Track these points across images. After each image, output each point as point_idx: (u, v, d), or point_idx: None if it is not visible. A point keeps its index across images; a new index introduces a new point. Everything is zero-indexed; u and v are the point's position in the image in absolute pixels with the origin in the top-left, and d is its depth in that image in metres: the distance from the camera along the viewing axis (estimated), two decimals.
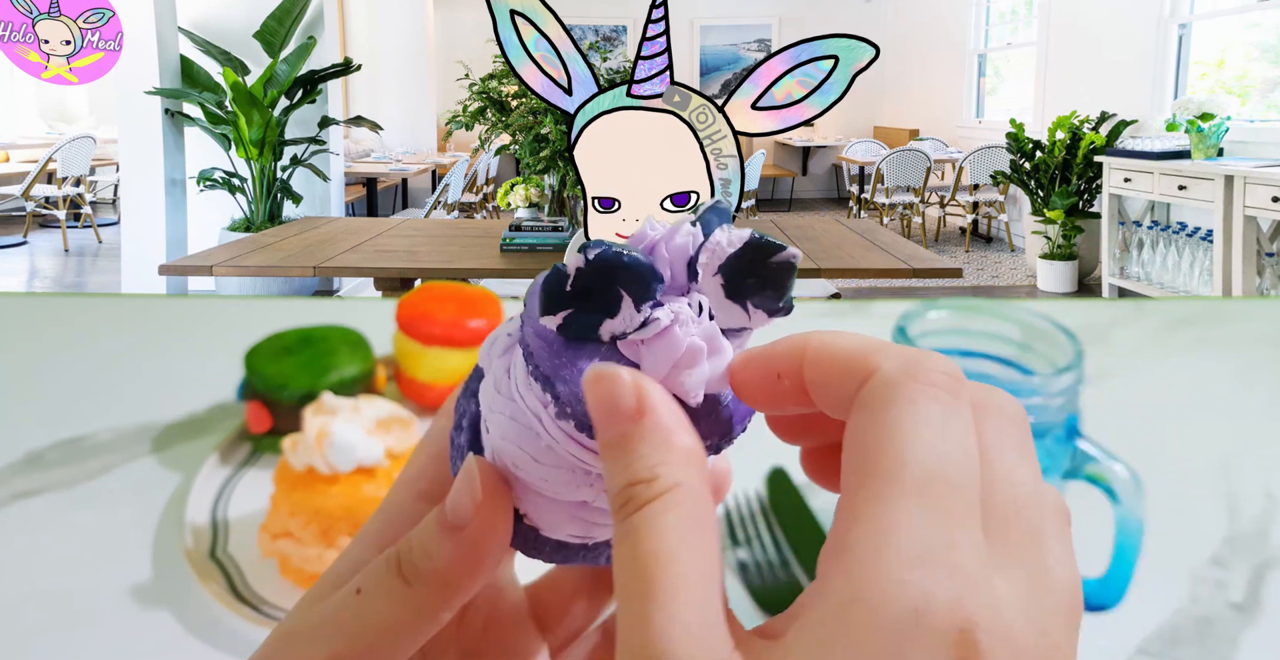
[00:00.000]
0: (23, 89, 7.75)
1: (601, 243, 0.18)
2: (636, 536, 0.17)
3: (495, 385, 0.21)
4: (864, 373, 0.18)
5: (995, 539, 0.16)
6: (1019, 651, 0.15)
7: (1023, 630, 0.15)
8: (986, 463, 0.17)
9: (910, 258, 2.74)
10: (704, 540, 0.17)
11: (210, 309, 1.10)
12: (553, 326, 0.19)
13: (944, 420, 0.17)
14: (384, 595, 0.20)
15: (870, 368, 0.18)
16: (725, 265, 0.19)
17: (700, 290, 0.20)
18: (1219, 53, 4.86)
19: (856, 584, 0.15)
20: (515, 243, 2.90)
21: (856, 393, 0.18)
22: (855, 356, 0.18)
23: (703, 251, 0.19)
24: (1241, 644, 0.52)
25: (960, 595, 0.15)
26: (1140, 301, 1.15)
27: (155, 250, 4.16)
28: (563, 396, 0.19)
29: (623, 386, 0.18)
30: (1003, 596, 0.15)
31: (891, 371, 0.18)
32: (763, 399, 0.20)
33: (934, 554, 0.15)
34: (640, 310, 0.19)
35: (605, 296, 0.18)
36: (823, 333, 0.19)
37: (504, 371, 0.21)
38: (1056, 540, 0.17)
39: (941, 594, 0.15)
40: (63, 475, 0.68)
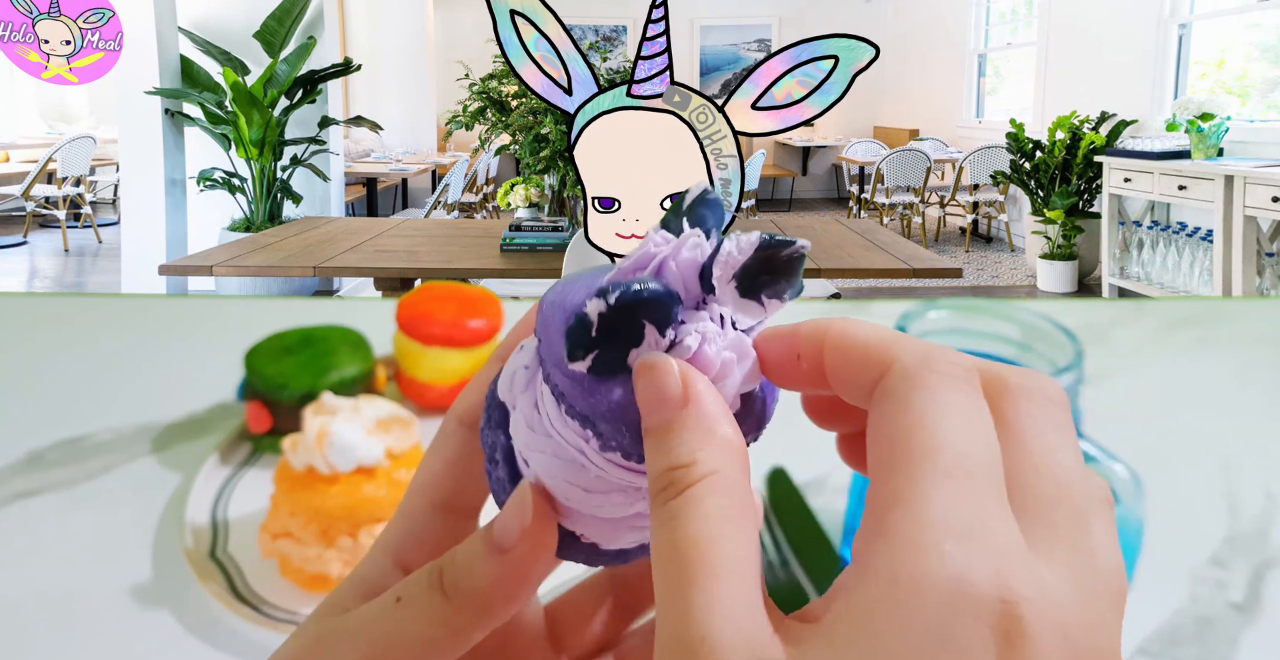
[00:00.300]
0: (23, 89, 7.75)
1: (618, 284, 0.18)
2: (676, 522, 0.17)
3: (528, 423, 0.21)
4: (883, 363, 0.18)
5: (1039, 521, 0.16)
6: (1065, 626, 0.15)
7: (1067, 606, 0.15)
8: (1028, 445, 0.17)
9: (910, 258, 2.74)
10: (743, 526, 0.17)
11: (210, 309, 1.10)
12: (583, 370, 0.19)
13: (966, 407, 0.17)
14: (424, 607, 0.20)
15: (889, 359, 0.18)
16: (742, 270, 0.19)
17: (717, 300, 0.20)
18: (1219, 53, 4.86)
19: (897, 562, 0.15)
20: (515, 243, 2.90)
21: (877, 383, 0.18)
22: (875, 347, 0.19)
23: (715, 264, 0.19)
24: (1241, 644, 0.52)
25: (1001, 568, 0.15)
26: (1140, 301, 1.15)
27: (155, 250, 4.16)
28: (605, 433, 0.19)
29: (670, 376, 0.18)
30: (1046, 574, 0.15)
31: (911, 363, 0.18)
32: (783, 377, 0.20)
33: (973, 530, 0.15)
34: (664, 334, 0.19)
35: (630, 331, 0.19)
36: (844, 321, 0.20)
37: (532, 408, 0.21)
38: (1101, 524, 0.17)
39: (982, 567, 0.15)
40: (63, 475, 0.68)
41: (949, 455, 0.16)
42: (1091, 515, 0.17)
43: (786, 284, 0.20)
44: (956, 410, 0.17)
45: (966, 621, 0.14)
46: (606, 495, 0.20)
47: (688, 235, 0.20)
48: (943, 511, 0.15)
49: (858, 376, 0.19)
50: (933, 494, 0.16)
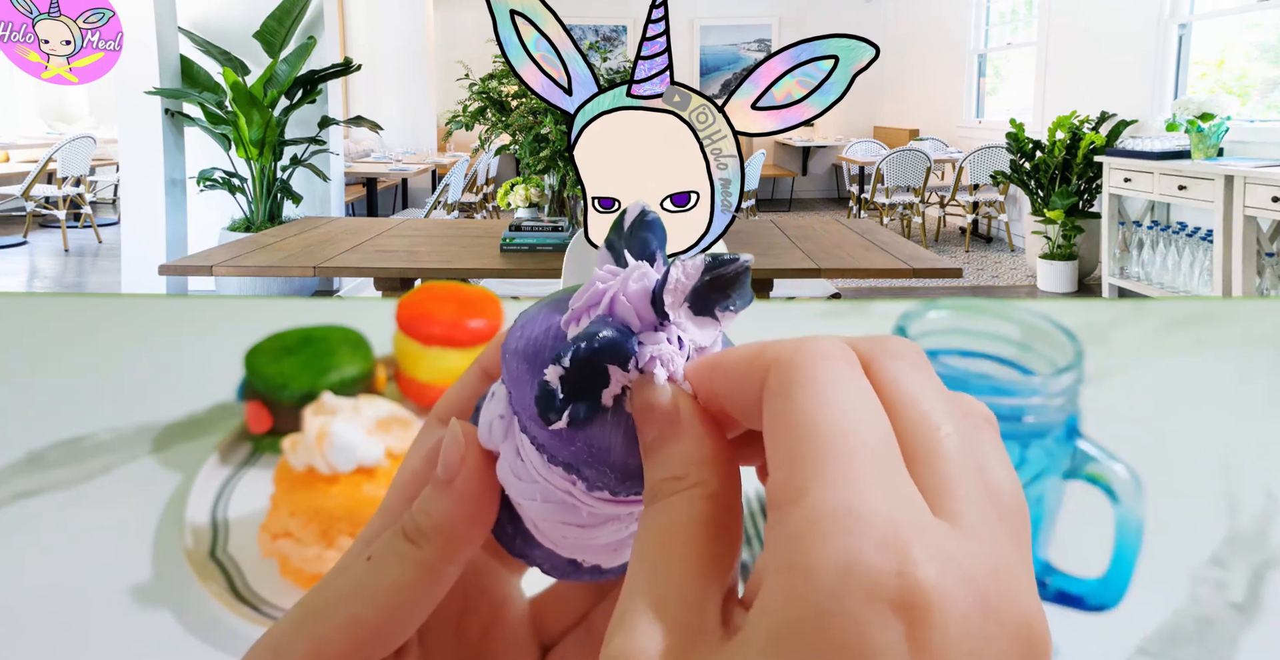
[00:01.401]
0: (23, 89, 7.75)
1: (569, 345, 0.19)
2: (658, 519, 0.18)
3: (514, 472, 0.21)
4: (761, 369, 0.19)
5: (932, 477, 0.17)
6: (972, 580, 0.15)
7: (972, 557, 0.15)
8: (897, 405, 0.18)
9: (910, 258, 2.74)
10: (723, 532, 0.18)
11: (210, 309, 1.10)
12: (564, 425, 0.19)
13: (844, 385, 0.18)
14: (393, 557, 0.22)
15: (765, 363, 0.19)
16: (693, 293, 0.20)
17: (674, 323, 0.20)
18: (1219, 53, 4.86)
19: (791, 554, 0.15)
20: (515, 243, 2.90)
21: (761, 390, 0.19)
22: (749, 359, 0.19)
23: (666, 293, 0.19)
24: (1241, 644, 0.52)
25: (894, 541, 0.15)
26: (1140, 301, 1.15)
27: (155, 250, 4.16)
28: (590, 477, 0.20)
29: (664, 395, 0.20)
30: (943, 534, 0.15)
31: (784, 357, 0.18)
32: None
33: (860, 509, 0.15)
34: (628, 370, 0.19)
35: (596, 379, 0.19)
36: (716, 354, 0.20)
37: (515, 456, 0.21)
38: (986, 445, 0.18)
39: (872, 545, 0.15)
40: (63, 475, 0.68)
41: (834, 438, 0.17)
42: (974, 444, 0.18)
43: (737, 297, 0.20)
44: (835, 391, 0.17)
45: (859, 602, 0.14)
46: (601, 527, 0.21)
47: (633, 268, 0.20)
48: (830, 498, 0.16)
49: (748, 393, 0.19)
50: (824, 482, 0.16)
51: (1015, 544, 0.17)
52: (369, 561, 0.22)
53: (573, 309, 0.20)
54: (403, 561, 0.22)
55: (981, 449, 0.18)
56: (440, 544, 0.22)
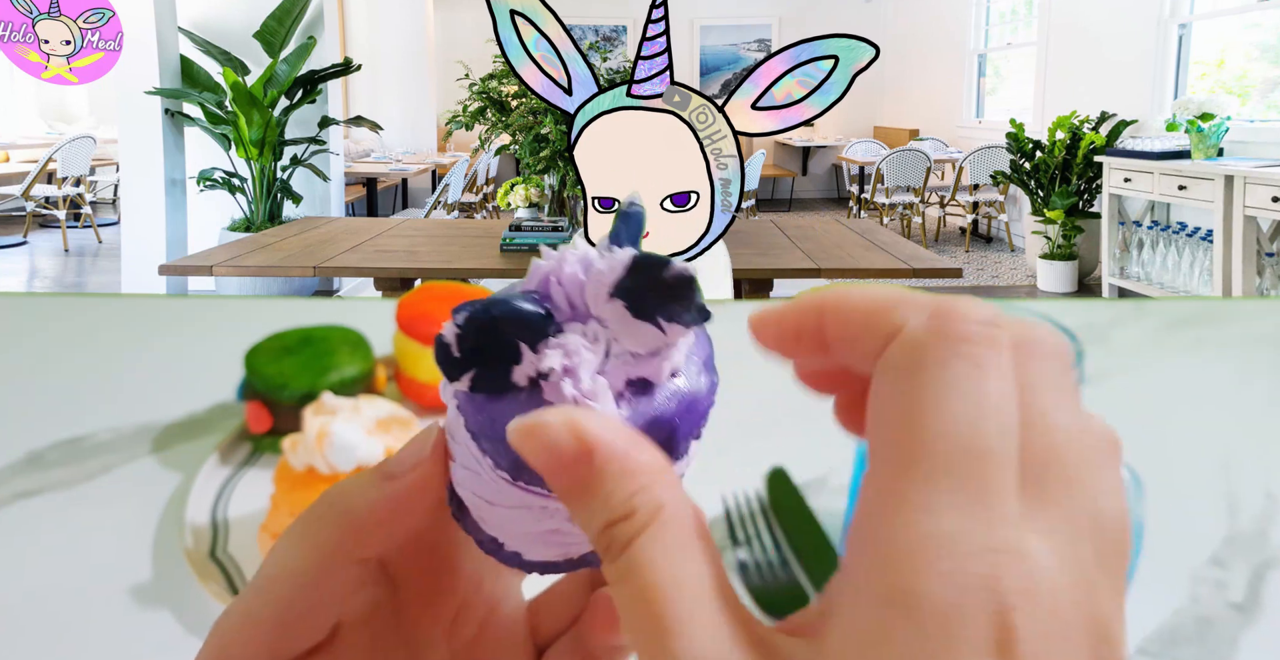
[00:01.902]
0: (23, 89, 7.75)
1: (471, 303, 0.18)
2: (634, 574, 0.16)
3: (449, 431, 0.21)
4: (889, 329, 0.17)
5: (1032, 490, 0.15)
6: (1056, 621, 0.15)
7: (1060, 595, 0.15)
8: (1024, 409, 0.16)
9: (910, 258, 2.74)
10: (701, 555, 0.17)
11: (210, 309, 1.10)
12: (466, 389, 0.19)
13: (977, 383, 0.16)
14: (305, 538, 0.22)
15: (895, 323, 0.17)
16: (619, 289, 0.18)
17: (597, 318, 0.19)
18: (1219, 53, 4.86)
19: (892, 579, 0.15)
20: (515, 243, 2.90)
21: (882, 351, 0.17)
22: (877, 311, 0.17)
23: (588, 281, 0.19)
24: (1241, 644, 0.52)
25: (994, 575, 0.14)
26: (1140, 301, 1.15)
27: (155, 250, 4.16)
28: (488, 451, 0.19)
29: (555, 432, 0.17)
30: (1039, 562, 0.15)
31: (918, 329, 0.16)
32: (787, 355, 0.20)
33: (966, 537, 0.15)
34: (538, 351, 0.18)
35: (500, 349, 0.18)
36: (839, 289, 0.19)
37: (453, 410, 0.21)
38: (1104, 472, 0.16)
39: (977, 580, 0.14)
40: (63, 475, 0.68)
41: (948, 449, 0.15)
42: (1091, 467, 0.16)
43: (681, 308, 0.18)
44: (964, 390, 0.16)
45: (962, 646, 0.14)
46: (512, 510, 0.20)
47: (569, 252, 0.19)
48: (938, 520, 0.15)
49: (864, 345, 0.17)
50: (930, 499, 0.15)
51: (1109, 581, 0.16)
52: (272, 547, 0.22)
53: (517, 284, 0.20)
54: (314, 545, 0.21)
55: (1099, 475, 0.16)
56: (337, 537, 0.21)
